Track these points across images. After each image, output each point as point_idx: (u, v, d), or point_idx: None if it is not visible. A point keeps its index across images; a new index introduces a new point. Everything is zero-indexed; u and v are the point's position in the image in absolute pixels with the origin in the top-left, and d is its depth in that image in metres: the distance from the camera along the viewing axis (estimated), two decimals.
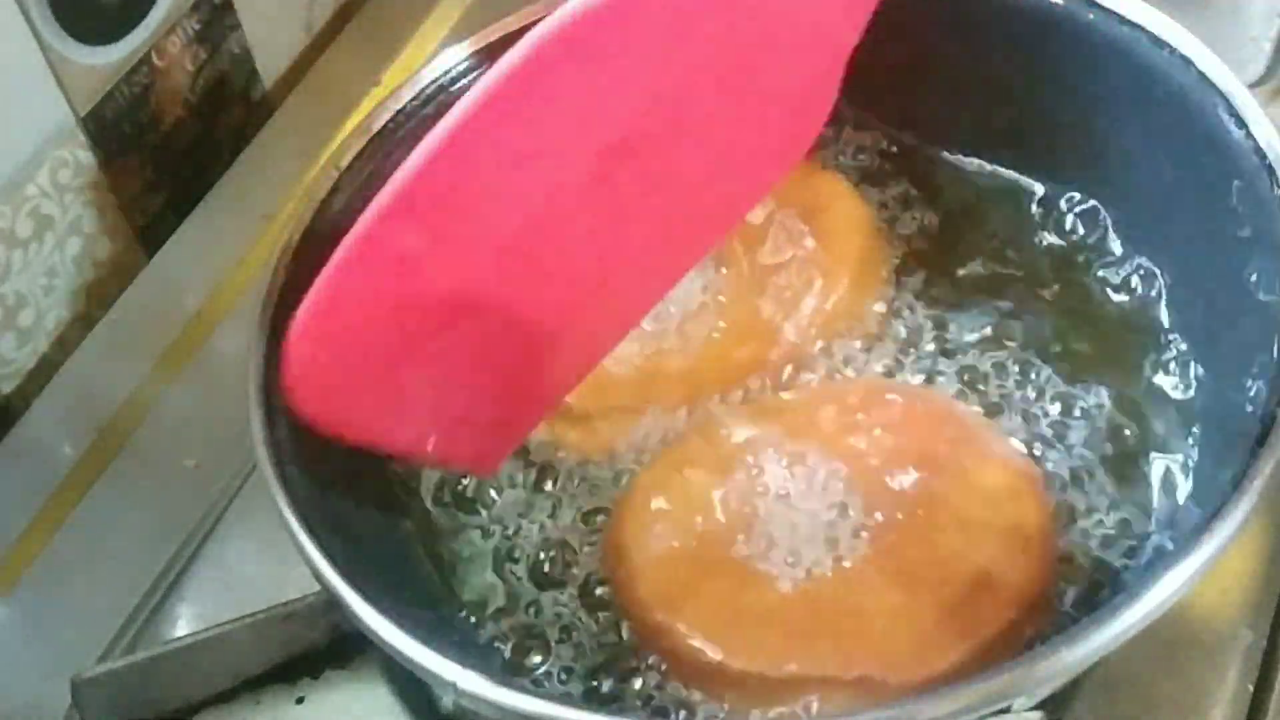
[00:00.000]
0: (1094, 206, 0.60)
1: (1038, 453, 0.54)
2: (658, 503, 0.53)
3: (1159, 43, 0.54)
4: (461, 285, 0.46)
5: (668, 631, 0.50)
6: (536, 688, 0.51)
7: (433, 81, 0.58)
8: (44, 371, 0.69)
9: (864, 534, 0.51)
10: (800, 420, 0.54)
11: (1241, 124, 0.51)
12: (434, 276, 0.45)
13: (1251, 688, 0.52)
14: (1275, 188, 0.50)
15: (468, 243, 0.45)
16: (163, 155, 0.74)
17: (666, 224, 0.49)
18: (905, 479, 0.52)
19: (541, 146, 0.44)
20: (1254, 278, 0.50)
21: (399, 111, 0.57)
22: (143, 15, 0.70)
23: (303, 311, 0.45)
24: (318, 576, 0.46)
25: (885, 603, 0.49)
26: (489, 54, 0.58)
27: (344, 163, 0.56)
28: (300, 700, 0.50)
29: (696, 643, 0.49)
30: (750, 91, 0.47)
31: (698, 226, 0.51)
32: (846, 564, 0.50)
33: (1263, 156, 0.50)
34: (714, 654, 0.49)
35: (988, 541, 0.50)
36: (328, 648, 0.50)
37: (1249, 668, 0.53)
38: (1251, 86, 0.52)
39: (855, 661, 0.48)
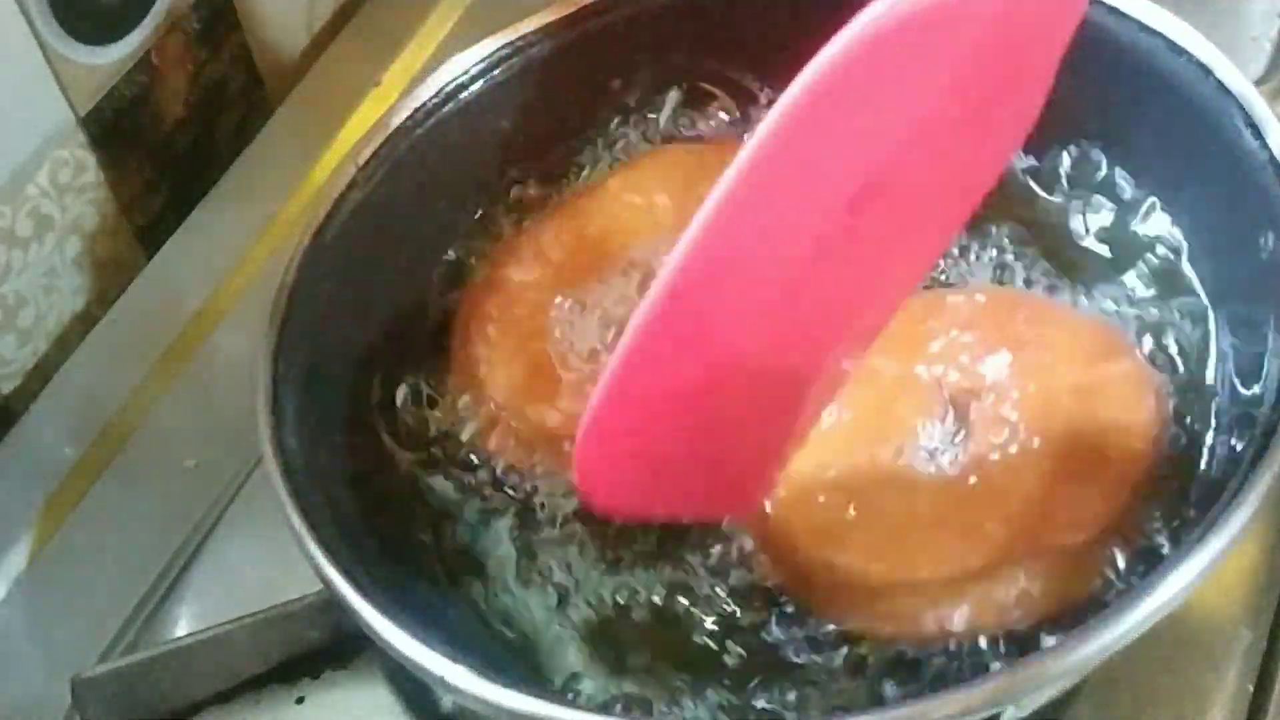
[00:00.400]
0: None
1: None
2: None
3: (1176, 49, 0.53)
4: (726, 358, 0.46)
5: (833, 566, 0.49)
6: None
7: (452, 79, 0.58)
8: (44, 371, 0.69)
9: (983, 425, 0.51)
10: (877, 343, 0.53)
11: (1258, 134, 0.50)
12: (702, 355, 0.46)
13: (1251, 688, 0.52)
14: None
15: (731, 318, 0.46)
16: (163, 155, 0.74)
17: (907, 245, 0.49)
18: (1002, 364, 0.52)
19: (800, 205, 0.44)
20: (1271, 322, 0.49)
21: (418, 109, 0.57)
22: (143, 15, 0.70)
23: (587, 417, 0.46)
24: (313, 565, 0.46)
25: (1032, 474, 0.49)
26: (507, 53, 0.58)
27: (361, 159, 0.56)
28: (300, 700, 0.50)
29: (872, 568, 0.49)
30: (989, 100, 0.46)
31: (936, 233, 0.51)
32: (979, 455, 0.50)
33: (1278, 167, 0.49)
34: (891, 573, 0.49)
35: (1103, 397, 0.51)
36: (328, 648, 0.50)
37: (1249, 668, 0.53)
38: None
39: (1033, 534, 0.48)
